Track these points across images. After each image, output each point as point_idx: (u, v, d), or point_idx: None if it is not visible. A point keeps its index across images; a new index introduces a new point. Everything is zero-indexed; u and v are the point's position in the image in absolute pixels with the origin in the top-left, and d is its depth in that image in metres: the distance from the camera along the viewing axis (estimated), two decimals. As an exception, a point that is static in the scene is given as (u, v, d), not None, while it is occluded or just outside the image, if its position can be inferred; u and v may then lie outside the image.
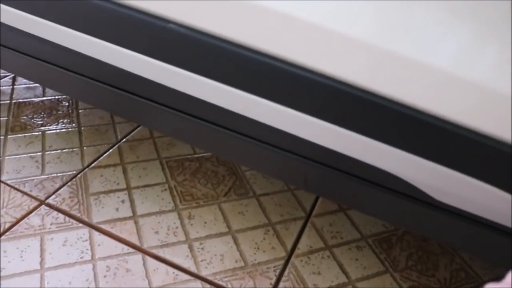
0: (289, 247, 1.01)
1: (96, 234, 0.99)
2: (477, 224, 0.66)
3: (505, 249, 0.69)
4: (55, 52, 0.85)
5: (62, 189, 1.09)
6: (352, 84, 0.57)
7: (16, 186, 1.08)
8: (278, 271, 0.96)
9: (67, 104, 1.38)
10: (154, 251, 0.97)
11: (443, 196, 0.61)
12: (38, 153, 1.18)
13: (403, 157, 0.59)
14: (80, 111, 1.36)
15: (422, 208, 0.67)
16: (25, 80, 1.45)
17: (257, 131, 0.69)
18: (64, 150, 1.20)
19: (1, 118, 1.29)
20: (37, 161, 1.16)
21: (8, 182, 1.09)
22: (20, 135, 1.24)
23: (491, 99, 0.52)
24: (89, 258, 0.94)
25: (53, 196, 1.07)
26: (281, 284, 0.93)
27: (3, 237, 0.96)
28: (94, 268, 0.92)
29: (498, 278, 1.00)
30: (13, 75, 1.48)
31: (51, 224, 1.00)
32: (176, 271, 0.93)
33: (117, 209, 1.05)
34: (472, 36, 0.54)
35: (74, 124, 1.30)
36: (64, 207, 1.04)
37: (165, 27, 0.63)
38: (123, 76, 0.80)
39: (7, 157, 1.16)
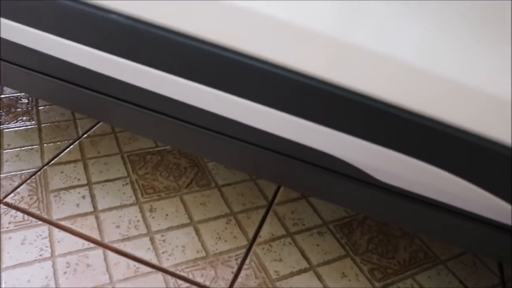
0: (250, 235, 1.02)
1: (56, 231, 0.98)
2: (430, 207, 0.67)
3: (460, 230, 0.70)
4: (9, 49, 0.84)
5: (20, 187, 1.08)
6: (300, 72, 0.57)
7: (-27, 186, 1.06)
8: (239, 259, 0.97)
9: (26, 101, 1.36)
10: (115, 245, 0.97)
11: (387, 178, 0.62)
12: (-4, 152, 1.17)
13: (349, 142, 0.60)
14: (40, 108, 1.34)
15: (370, 191, 0.68)
16: (-18, 79, 1.43)
17: (206, 121, 0.70)
18: (23, 148, 1.19)
19: (-43, 118, 1.27)
20: (-5, 160, 1.14)
21: (-35, 182, 1.07)
22: (-23, 134, 1.22)
23: (440, 86, 0.53)
24: (49, 255, 0.93)
25: (12, 195, 1.05)
26: (242, 273, 0.94)
27: (-41, 238, 0.94)
28: (53, 265, 0.91)
29: (455, 257, 1.03)
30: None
31: (9, 223, 0.99)
32: (138, 264, 0.93)
33: (77, 205, 1.05)
34: (433, 27, 0.54)
35: (33, 122, 1.28)
36: (22, 205, 1.03)
37: (108, 18, 0.63)
38: (77, 72, 0.79)
39: (-37, 157, 1.14)
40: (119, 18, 0.63)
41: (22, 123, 1.27)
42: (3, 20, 0.75)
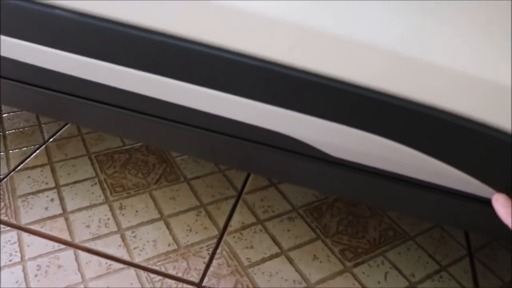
0: (221, 225, 1.03)
1: (25, 235, 0.98)
2: (392, 181, 0.69)
3: (427, 203, 0.72)
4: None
5: (-13, 194, 1.07)
6: (247, 54, 0.58)
7: None
8: (211, 249, 0.97)
9: (-11, 109, 1.35)
10: (86, 245, 0.97)
11: (335, 152, 0.63)
12: (-39, 162, 1.15)
13: (302, 120, 0.61)
14: (4, 115, 1.33)
15: (329, 168, 0.70)
16: None
17: (162, 110, 0.70)
18: (-12, 156, 1.18)
19: None
20: (-41, 170, 1.13)
21: None
22: None
23: (395, 63, 0.54)
24: (19, 259, 0.93)
25: (-22, 203, 1.04)
26: (214, 262, 0.95)
27: None
28: (24, 269, 0.91)
29: (424, 232, 1.05)
30: None
31: (-23, 230, 0.98)
32: (109, 261, 0.93)
33: (46, 208, 1.04)
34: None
35: (-2, 129, 1.27)
36: (-10, 212, 1.02)
37: (54, 14, 0.63)
38: (36, 73, 0.79)
39: None
40: (66, 14, 0.63)
41: (-14, 131, 1.26)
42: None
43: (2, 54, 0.79)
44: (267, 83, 0.59)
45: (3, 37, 0.74)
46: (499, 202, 0.55)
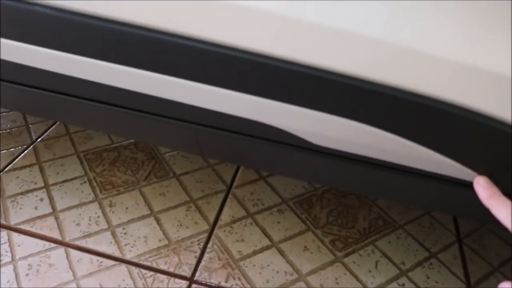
0: (211, 220, 1.03)
1: (15, 235, 0.98)
2: (379, 168, 0.69)
3: (415, 189, 0.73)
4: None
5: (-24, 196, 1.06)
6: (229, 46, 0.58)
7: None
8: (202, 244, 0.98)
9: (-25, 111, 1.34)
10: (77, 243, 0.97)
11: (321, 141, 0.64)
12: None
13: (287, 110, 0.61)
14: (-10, 117, 1.32)
15: (313, 157, 0.70)
16: None
17: (146, 104, 0.70)
18: (-24, 158, 1.17)
19: None
20: None
21: None
22: None
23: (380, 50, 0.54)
24: (9, 259, 0.93)
25: (-33, 204, 1.04)
26: (205, 256, 0.95)
27: None
28: (15, 269, 0.91)
29: (413, 220, 1.06)
30: None
31: (-34, 232, 0.98)
32: (101, 259, 0.94)
33: (36, 208, 1.04)
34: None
35: (-15, 131, 1.27)
36: (-21, 213, 1.02)
37: (34, 10, 0.63)
38: (18, 70, 0.79)
39: None
40: (46, 10, 0.63)
41: (-27, 133, 1.25)
42: None
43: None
44: (251, 74, 0.59)
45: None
46: (480, 185, 0.56)
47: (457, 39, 0.51)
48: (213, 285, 0.90)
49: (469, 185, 0.61)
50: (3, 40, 0.72)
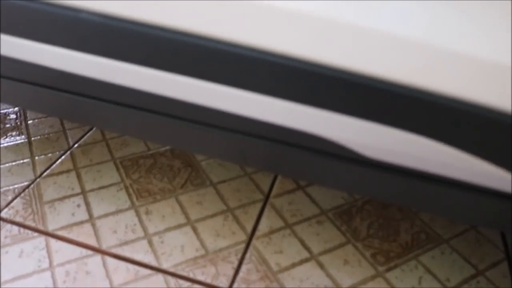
0: (249, 230, 1.01)
1: (53, 241, 0.97)
2: (427, 181, 0.67)
3: (462, 203, 0.70)
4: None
5: (15, 201, 1.07)
6: (279, 53, 0.57)
7: (-34, 204, 1.05)
8: (239, 254, 0.96)
9: (14, 116, 1.35)
10: (113, 251, 0.96)
11: (369, 152, 0.61)
12: (-12, 169, 1.16)
13: (333, 119, 0.59)
14: (29, 122, 1.33)
15: (363, 169, 0.67)
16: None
17: (190, 113, 0.69)
18: (14, 163, 1.18)
19: None
20: (-13, 177, 1.13)
21: (-42, 200, 1.06)
22: (-33, 153, 1.21)
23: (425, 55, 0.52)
24: (47, 266, 0.92)
25: (6, 210, 1.04)
26: (243, 267, 0.93)
27: (-45, 256, 0.93)
28: (52, 276, 0.90)
29: (458, 235, 1.02)
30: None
31: (5, 237, 0.98)
32: (137, 267, 0.92)
33: (73, 214, 1.04)
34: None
35: (23, 136, 1.27)
36: (18, 218, 1.02)
37: (79, 17, 0.62)
38: (59, 76, 0.79)
39: (-45, 176, 1.13)
40: (91, 17, 0.62)
41: (12, 138, 1.26)
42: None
43: (25, 59, 0.78)
44: (298, 82, 0.57)
45: (25, 41, 0.74)
46: None
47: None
48: (252, 298, 0.88)
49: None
50: (47, 47, 0.72)
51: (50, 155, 1.21)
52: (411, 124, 0.56)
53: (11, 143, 1.24)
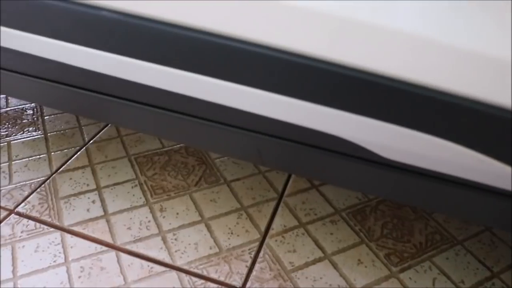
0: (263, 228, 1.01)
1: (68, 236, 0.98)
2: (442, 182, 0.66)
3: (476, 204, 0.69)
4: (6, 56, 0.84)
5: (31, 196, 1.08)
6: (298, 53, 0.56)
7: (-16, 198, 1.07)
8: (253, 253, 0.96)
9: (31, 112, 1.36)
10: (128, 247, 0.96)
11: (386, 153, 0.61)
12: (5, 164, 1.17)
13: (351, 120, 0.59)
14: (45, 117, 1.34)
15: (378, 170, 0.67)
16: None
17: (207, 111, 0.69)
18: (31, 158, 1.19)
19: (-35, 133, 1.27)
20: (4, 172, 1.14)
21: (-25, 195, 1.08)
22: (-15, 147, 1.22)
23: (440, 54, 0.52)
24: (62, 261, 0.93)
25: (22, 204, 1.05)
26: (257, 266, 0.93)
27: (-27, 250, 0.95)
28: (68, 270, 0.91)
29: (472, 236, 1.01)
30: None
31: (21, 232, 0.99)
32: (151, 264, 0.93)
33: (88, 210, 1.05)
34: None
35: (40, 131, 1.29)
36: (34, 213, 1.03)
37: (100, 15, 0.63)
38: (77, 74, 0.79)
39: (-27, 171, 1.15)
40: (111, 15, 0.62)
41: (29, 133, 1.28)
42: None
43: (44, 55, 0.79)
44: (315, 81, 0.57)
45: (44, 38, 0.74)
46: None
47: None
48: (265, 296, 0.88)
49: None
50: (67, 45, 0.72)
51: (66, 151, 1.22)
52: (428, 125, 0.55)
53: (28, 138, 1.26)
